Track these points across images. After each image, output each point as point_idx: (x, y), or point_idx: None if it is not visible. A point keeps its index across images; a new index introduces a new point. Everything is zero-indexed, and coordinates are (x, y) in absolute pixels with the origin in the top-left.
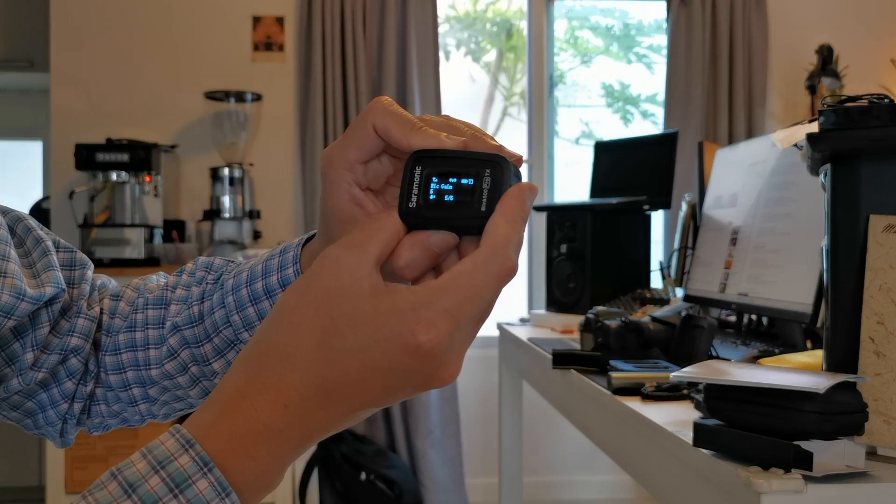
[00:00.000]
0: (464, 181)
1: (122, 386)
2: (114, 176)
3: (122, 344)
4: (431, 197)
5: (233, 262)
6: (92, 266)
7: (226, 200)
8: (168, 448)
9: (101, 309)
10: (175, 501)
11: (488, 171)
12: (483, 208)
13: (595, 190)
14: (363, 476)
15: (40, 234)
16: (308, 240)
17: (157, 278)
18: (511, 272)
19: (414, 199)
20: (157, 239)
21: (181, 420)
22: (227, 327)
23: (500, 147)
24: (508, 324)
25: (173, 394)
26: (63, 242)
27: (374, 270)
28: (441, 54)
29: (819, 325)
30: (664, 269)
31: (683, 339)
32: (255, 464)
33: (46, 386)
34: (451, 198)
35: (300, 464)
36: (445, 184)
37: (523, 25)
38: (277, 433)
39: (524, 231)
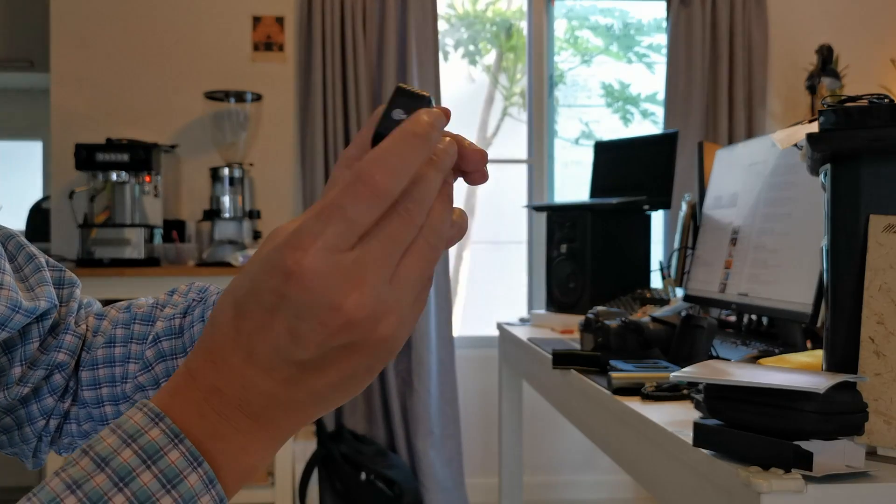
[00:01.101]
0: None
1: (96, 402)
2: (114, 176)
3: (99, 359)
4: (389, 120)
5: None
6: (80, 285)
7: (226, 200)
8: (137, 422)
9: (87, 327)
10: (148, 472)
11: (430, 105)
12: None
13: (595, 190)
14: (363, 476)
15: (32, 250)
16: None
17: (147, 299)
18: (362, 182)
19: (385, 127)
20: (157, 239)
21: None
22: None
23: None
24: (508, 324)
25: None
26: (52, 261)
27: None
28: (440, 55)
29: (819, 325)
30: (664, 269)
31: (683, 339)
32: (212, 429)
33: (26, 402)
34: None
35: (300, 464)
36: (403, 115)
37: (523, 25)
38: (220, 394)
39: (416, 153)
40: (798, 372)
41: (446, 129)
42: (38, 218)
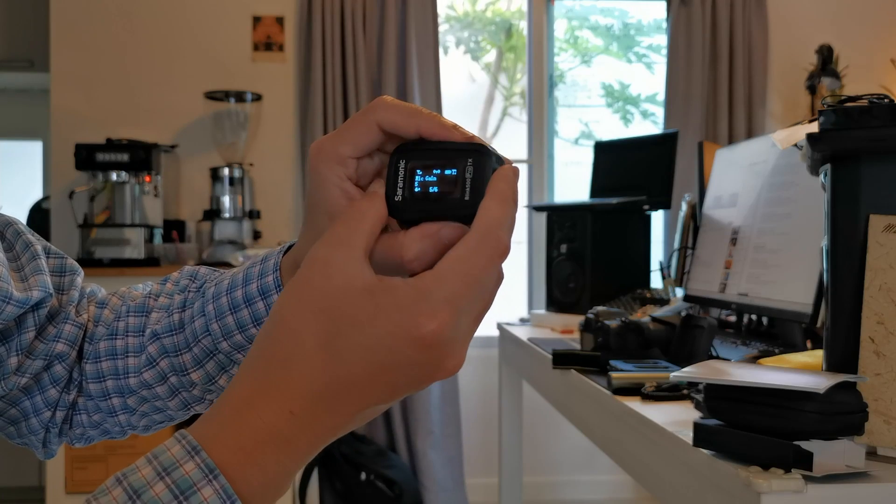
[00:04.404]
0: (447, 172)
1: (102, 395)
2: (114, 176)
3: (102, 352)
4: (417, 189)
5: (217, 271)
6: (82, 273)
7: (226, 200)
8: (174, 454)
9: (88, 316)
10: None
11: (470, 160)
12: (467, 197)
13: (595, 190)
14: (363, 476)
15: (30, 238)
16: (291, 247)
17: (143, 287)
18: (504, 253)
19: (399, 192)
20: (157, 239)
21: (188, 423)
22: (207, 336)
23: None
24: (508, 324)
25: (152, 405)
26: (53, 249)
27: (365, 265)
28: (440, 50)
29: (819, 325)
30: (664, 269)
31: (683, 339)
32: (261, 472)
33: (30, 393)
34: (436, 189)
35: None
36: (430, 175)
37: (523, 25)
38: (284, 440)
39: (516, 212)
40: (798, 372)
41: (460, 119)
42: (38, 218)
